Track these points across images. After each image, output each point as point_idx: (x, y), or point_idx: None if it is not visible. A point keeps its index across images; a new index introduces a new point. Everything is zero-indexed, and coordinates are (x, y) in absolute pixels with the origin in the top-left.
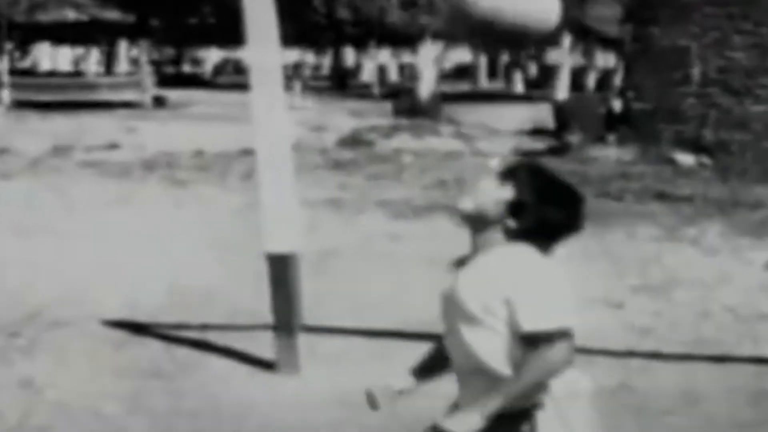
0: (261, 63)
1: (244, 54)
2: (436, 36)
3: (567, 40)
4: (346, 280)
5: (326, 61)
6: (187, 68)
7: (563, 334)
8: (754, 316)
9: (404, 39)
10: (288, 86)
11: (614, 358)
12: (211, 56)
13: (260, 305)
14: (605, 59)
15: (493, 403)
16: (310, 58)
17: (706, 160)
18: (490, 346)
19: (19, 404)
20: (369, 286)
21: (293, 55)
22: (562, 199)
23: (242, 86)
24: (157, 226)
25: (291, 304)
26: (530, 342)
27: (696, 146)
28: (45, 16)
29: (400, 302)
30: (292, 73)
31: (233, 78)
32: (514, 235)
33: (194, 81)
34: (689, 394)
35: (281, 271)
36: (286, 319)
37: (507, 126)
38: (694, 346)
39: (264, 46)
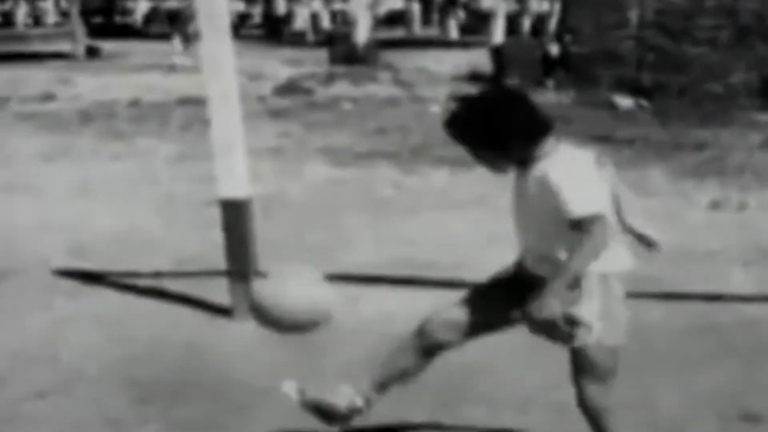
0: (209, 9)
1: (173, 3)
2: None
3: None
4: (291, 226)
5: (257, 9)
6: (117, 18)
7: (599, 218)
8: (701, 253)
9: None
10: None
11: None
12: (141, 6)
13: (206, 252)
14: (539, 4)
15: (558, 286)
16: (240, 6)
17: (644, 103)
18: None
19: None
20: (314, 232)
21: None
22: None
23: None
24: (96, 176)
25: (245, 250)
26: (576, 226)
27: (634, 89)
28: None
29: (347, 247)
30: None
31: (164, 28)
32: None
33: (125, 31)
34: (639, 331)
35: (235, 216)
36: (240, 265)
37: (444, 71)
38: (642, 284)
39: None
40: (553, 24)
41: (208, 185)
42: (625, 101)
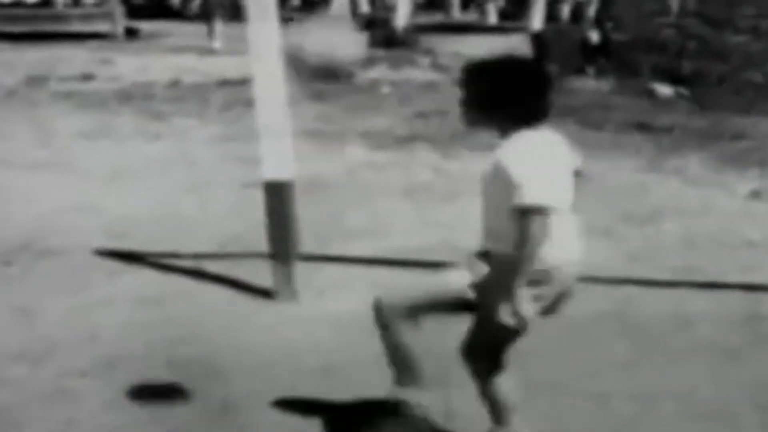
0: None
1: None
2: None
3: None
4: (330, 209)
5: None
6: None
7: (541, 210)
8: (740, 243)
9: None
10: None
11: (603, 285)
12: None
13: (247, 233)
14: None
15: (519, 291)
16: None
17: (684, 91)
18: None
19: (17, 332)
20: (353, 215)
21: None
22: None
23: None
24: (136, 156)
25: (288, 232)
26: (518, 213)
27: (674, 77)
28: None
29: (385, 231)
30: None
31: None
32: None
33: (164, 12)
34: (681, 320)
35: (278, 198)
36: (283, 247)
37: (481, 56)
38: (682, 273)
39: None
40: (592, 10)
41: (248, 166)
42: (664, 89)
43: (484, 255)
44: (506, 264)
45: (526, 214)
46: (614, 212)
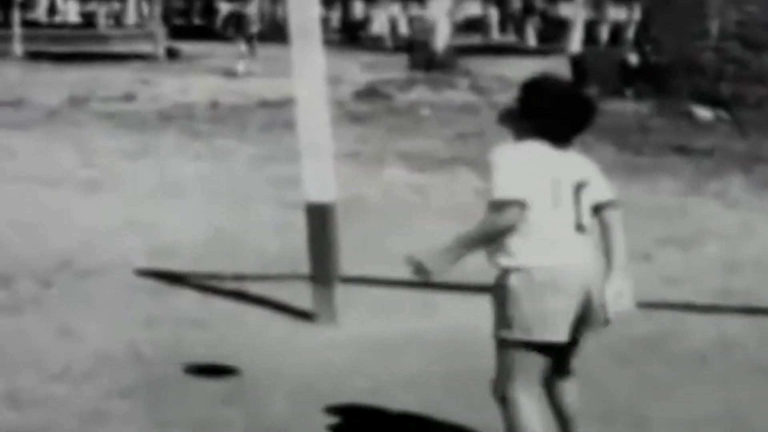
0: (300, 14)
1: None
2: None
3: None
4: (370, 231)
5: (334, 14)
6: (196, 20)
7: (503, 204)
8: None
9: None
10: None
11: (645, 308)
12: (222, 8)
13: (288, 255)
14: (617, 12)
15: (449, 248)
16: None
17: (723, 114)
18: None
19: (60, 352)
20: (394, 237)
21: None
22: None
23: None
24: (177, 176)
25: (329, 254)
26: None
27: (713, 100)
28: None
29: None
30: None
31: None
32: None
33: (205, 33)
34: (723, 343)
35: (320, 221)
36: (323, 269)
37: (521, 79)
38: (723, 297)
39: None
40: (631, 33)
41: (288, 187)
42: (704, 112)
43: None
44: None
45: (491, 205)
46: (654, 236)
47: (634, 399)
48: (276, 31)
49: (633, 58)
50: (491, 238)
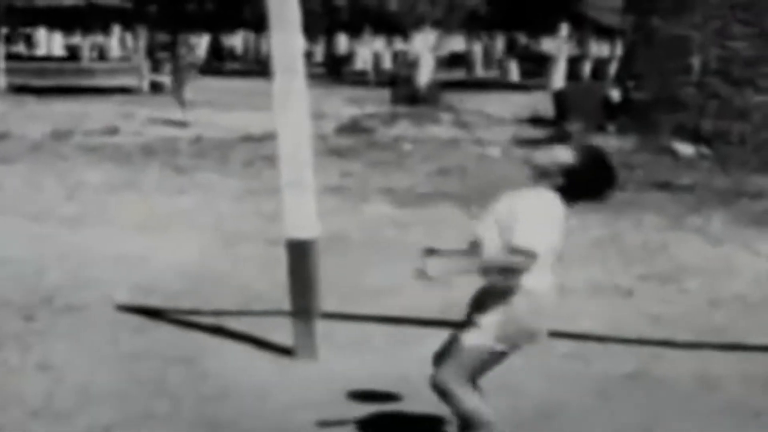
0: (283, 47)
1: (239, 39)
2: (434, 24)
3: (564, 29)
4: (353, 267)
5: (318, 48)
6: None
7: (530, 254)
8: (763, 304)
9: (398, 26)
10: None
11: (627, 345)
12: (203, 42)
13: (270, 290)
14: (599, 48)
15: (458, 261)
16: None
17: (705, 150)
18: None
19: (39, 388)
20: (376, 273)
21: None
22: (601, 175)
23: (237, 73)
24: (160, 210)
25: (310, 290)
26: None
27: (696, 136)
28: (42, 0)
29: (410, 289)
30: None
31: (229, 65)
32: (557, 189)
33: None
34: (705, 381)
35: (300, 257)
36: (304, 305)
37: (505, 114)
38: (706, 334)
39: (286, 33)
40: (613, 68)
41: (270, 222)
42: (686, 148)
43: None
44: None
45: (517, 252)
46: (636, 272)
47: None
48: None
49: (615, 94)
50: (503, 273)
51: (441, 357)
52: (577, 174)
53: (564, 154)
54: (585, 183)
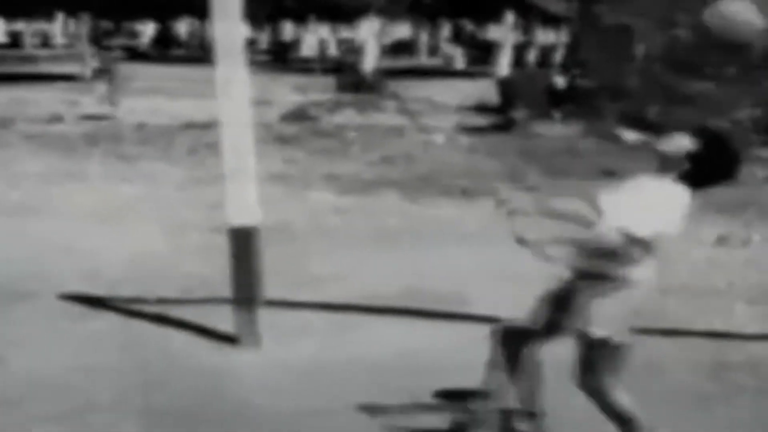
0: (224, 35)
1: (180, 27)
2: (379, 11)
3: (509, 16)
4: (296, 254)
5: (263, 35)
6: (123, 41)
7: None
8: (707, 291)
9: (344, 14)
10: None
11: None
12: (147, 29)
13: (213, 278)
14: (545, 36)
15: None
16: (246, 31)
17: (650, 137)
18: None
19: None
20: (319, 260)
21: None
22: (725, 157)
23: (182, 59)
24: (104, 199)
25: (252, 278)
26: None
27: (640, 123)
28: None
29: (353, 276)
30: None
31: (175, 51)
32: (682, 177)
33: (134, 54)
34: (651, 367)
35: (243, 244)
36: (247, 292)
37: (450, 101)
38: (650, 320)
39: (228, 21)
40: (559, 56)
41: (214, 210)
42: (630, 135)
43: None
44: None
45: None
46: None
47: (561, 422)
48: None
49: (560, 81)
50: (611, 258)
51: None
52: (702, 159)
53: (686, 141)
54: (711, 167)
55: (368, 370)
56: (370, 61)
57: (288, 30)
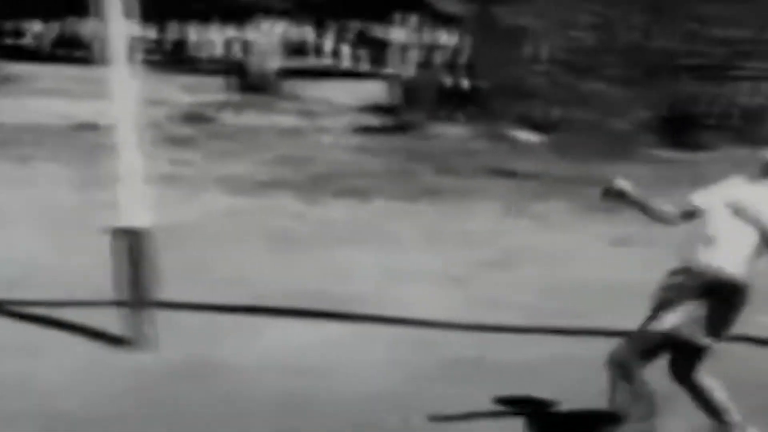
0: (110, 35)
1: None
2: (280, 13)
3: (407, 17)
4: (191, 255)
5: (162, 35)
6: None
7: None
8: (601, 288)
9: (244, 14)
10: None
11: (464, 330)
12: (34, 28)
13: (105, 280)
14: (441, 37)
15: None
16: (137, 30)
17: (546, 137)
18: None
19: None
20: (214, 262)
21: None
22: None
23: (82, 60)
24: None
25: (143, 280)
26: None
27: (537, 124)
28: None
29: (246, 278)
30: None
31: (76, 52)
32: None
33: (20, 54)
34: (545, 364)
35: (133, 246)
36: (138, 294)
37: (348, 102)
38: (542, 318)
39: (118, 21)
40: (456, 57)
41: (105, 211)
42: (526, 135)
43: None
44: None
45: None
46: (474, 258)
47: (448, 422)
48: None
49: (455, 82)
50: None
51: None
52: None
53: None
54: None
55: (261, 373)
56: (268, 62)
57: (187, 30)
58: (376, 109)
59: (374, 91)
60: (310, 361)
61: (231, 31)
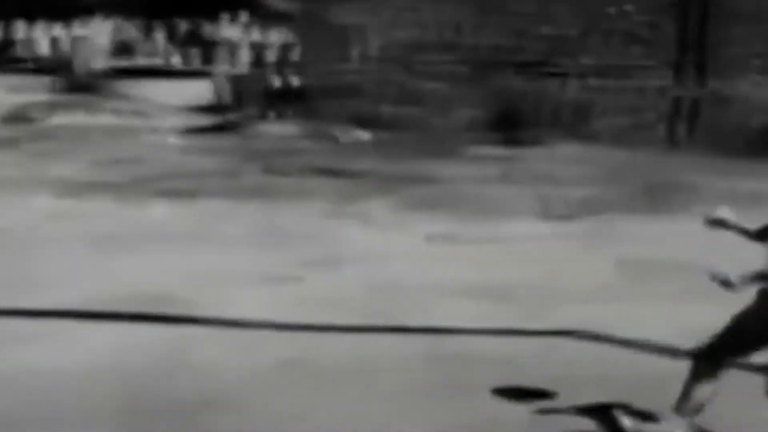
0: None
1: None
2: (107, 11)
3: (237, 15)
4: (13, 260)
5: None
6: None
7: None
8: (420, 286)
9: (70, 12)
10: None
11: (288, 331)
12: None
13: None
14: (269, 35)
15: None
16: None
17: (374, 135)
18: None
19: None
20: (33, 265)
21: None
22: None
23: None
24: None
25: None
26: None
27: (366, 122)
28: None
29: (69, 281)
30: None
31: None
32: None
33: None
34: (367, 364)
35: None
36: None
37: (175, 102)
38: (363, 317)
39: None
40: (276, 56)
41: None
42: (353, 134)
43: None
44: None
45: None
46: (296, 258)
47: (271, 424)
48: None
49: (285, 81)
50: None
51: None
52: None
53: None
54: None
55: (84, 379)
56: (94, 61)
57: (12, 28)
58: (206, 108)
59: (204, 90)
60: (128, 365)
61: (58, 30)
